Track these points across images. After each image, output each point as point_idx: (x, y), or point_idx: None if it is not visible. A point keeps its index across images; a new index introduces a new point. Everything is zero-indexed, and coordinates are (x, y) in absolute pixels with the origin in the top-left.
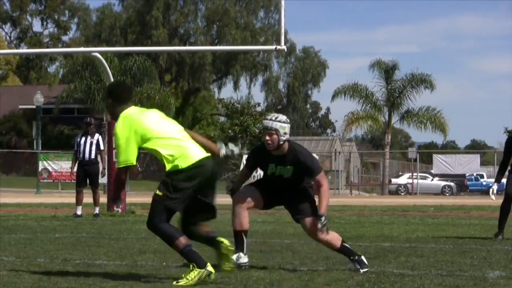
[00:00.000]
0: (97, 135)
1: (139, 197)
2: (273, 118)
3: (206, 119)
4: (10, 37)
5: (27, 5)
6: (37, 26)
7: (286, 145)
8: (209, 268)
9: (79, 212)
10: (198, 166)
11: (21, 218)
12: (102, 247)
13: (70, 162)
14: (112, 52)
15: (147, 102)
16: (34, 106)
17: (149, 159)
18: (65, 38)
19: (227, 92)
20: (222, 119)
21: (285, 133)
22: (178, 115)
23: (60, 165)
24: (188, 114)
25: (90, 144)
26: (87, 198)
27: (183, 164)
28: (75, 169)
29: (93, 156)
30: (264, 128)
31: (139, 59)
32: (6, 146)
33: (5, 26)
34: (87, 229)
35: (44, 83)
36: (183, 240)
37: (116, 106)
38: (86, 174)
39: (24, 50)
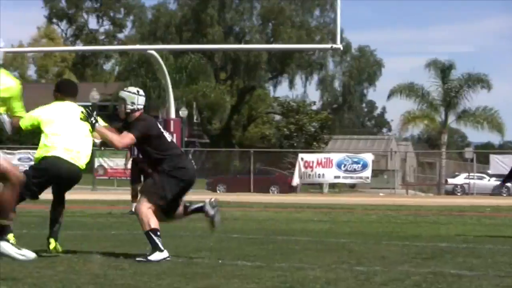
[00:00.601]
0: None
1: (194, 194)
2: (124, 89)
3: (261, 117)
4: (66, 34)
5: (83, 3)
6: (92, 23)
7: (136, 114)
8: None
9: (134, 209)
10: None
11: (77, 215)
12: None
13: (124, 159)
14: (168, 50)
15: (202, 100)
16: (89, 103)
17: (205, 157)
18: (120, 35)
19: (282, 91)
20: (278, 117)
21: (132, 103)
22: (233, 113)
23: (116, 162)
24: (243, 113)
25: None
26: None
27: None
28: (129, 166)
29: None
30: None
31: (194, 57)
32: None
33: (61, 23)
34: None
35: (100, 81)
36: None
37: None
38: (140, 171)
39: (80, 47)
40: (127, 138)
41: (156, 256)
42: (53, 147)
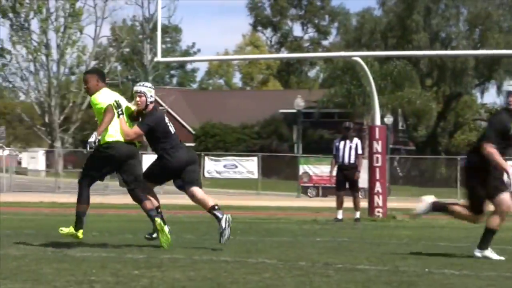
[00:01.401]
0: (356, 140)
1: (400, 202)
2: (139, 84)
3: (468, 124)
4: (270, 41)
5: (287, 10)
6: (297, 30)
7: (150, 106)
8: None
9: (339, 216)
10: None
11: (282, 221)
12: (364, 252)
13: (330, 166)
14: (373, 57)
15: (408, 107)
16: (294, 110)
17: (410, 164)
18: (325, 42)
19: (490, 97)
20: (485, 124)
21: (151, 96)
22: (439, 120)
23: (321, 169)
24: (449, 119)
25: (349, 148)
26: (348, 203)
27: None
28: (334, 173)
29: (352, 161)
30: (134, 92)
31: (400, 64)
32: (267, 149)
33: (266, 30)
34: (348, 233)
35: (304, 88)
36: None
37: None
38: (345, 178)
39: (284, 54)
40: (133, 132)
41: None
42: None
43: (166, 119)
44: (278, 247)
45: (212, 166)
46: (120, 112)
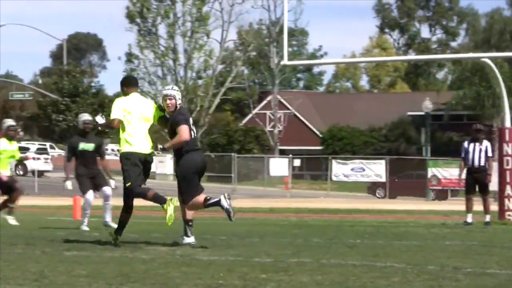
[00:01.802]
0: (485, 142)
1: None
2: (167, 87)
3: None
4: (398, 43)
5: (415, 12)
6: (425, 32)
7: (178, 107)
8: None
9: (469, 219)
10: None
11: (411, 225)
12: (494, 255)
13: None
14: (502, 58)
15: None
16: (422, 113)
17: None
18: (453, 44)
19: None
20: None
21: (179, 98)
22: None
23: (450, 172)
24: None
25: (479, 151)
26: (478, 206)
27: None
28: (463, 176)
29: (482, 163)
30: (164, 95)
31: None
32: (395, 152)
33: (393, 32)
34: (478, 237)
35: (432, 90)
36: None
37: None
38: (475, 181)
39: (412, 56)
40: (185, 131)
41: None
42: None
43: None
44: (407, 251)
45: (340, 169)
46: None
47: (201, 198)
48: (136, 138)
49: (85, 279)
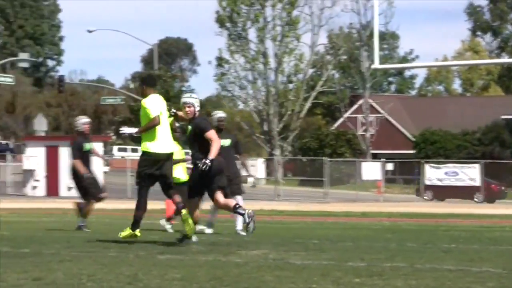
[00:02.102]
0: None
1: None
2: (186, 95)
3: None
4: (491, 46)
5: (507, 14)
6: None
7: (197, 114)
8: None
9: None
10: None
11: (507, 230)
12: None
13: None
14: None
15: None
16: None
17: None
18: None
19: None
20: None
21: (198, 105)
22: None
23: None
24: None
25: None
26: None
27: None
28: None
29: None
30: (183, 103)
31: None
32: (489, 156)
33: (486, 35)
34: None
35: None
36: None
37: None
38: None
39: (505, 59)
40: (215, 135)
41: None
42: None
43: None
44: (503, 256)
45: (433, 174)
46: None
47: (232, 202)
48: (164, 138)
49: (178, 283)
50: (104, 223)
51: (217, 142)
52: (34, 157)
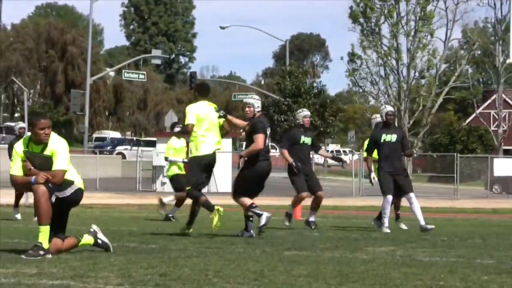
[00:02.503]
0: None
1: None
2: (249, 96)
3: None
4: None
5: None
6: None
7: (257, 115)
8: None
9: None
10: None
11: None
12: None
13: None
14: None
15: None
16: None
17: None
18: None
19: None
20: None
21: (258, 106)
22: None
23: None
24: None
25: None
26: None
27: None
28: None
29: None
30: (244, 103)
31: None
32: None
33: None
34: None
35: None
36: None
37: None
38: None
39: None
40: (260, 140)
41: None
42: None
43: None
44: None
45: None
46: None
47: (248, 201)
48: (207, 143)
49: (304, 279)
50: (232, 219)
51: (257, 146)
52: (162, 153)
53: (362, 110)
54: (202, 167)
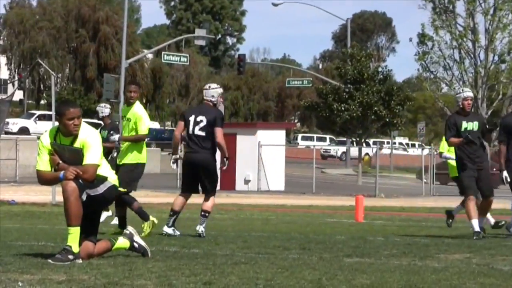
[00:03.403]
0: None
1: None
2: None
3: None
4: None
5: None
6: None
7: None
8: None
9: None
10: None
11: None
12: None
13: None
14: None
15: None
16: None
17: None
18: None
19: None
20: None
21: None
22: None
23: None
24: None
25: None
26: None
27: None
28: None
29: None
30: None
31: None
32: None
33: None
34: None
35: None
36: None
37: None
38: None
39: None
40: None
41: None
42: None
43: None
44: None
45: None
46: None
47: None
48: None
49: None
50: (285, 221)
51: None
52: None
53: (433, 98)
54: None
